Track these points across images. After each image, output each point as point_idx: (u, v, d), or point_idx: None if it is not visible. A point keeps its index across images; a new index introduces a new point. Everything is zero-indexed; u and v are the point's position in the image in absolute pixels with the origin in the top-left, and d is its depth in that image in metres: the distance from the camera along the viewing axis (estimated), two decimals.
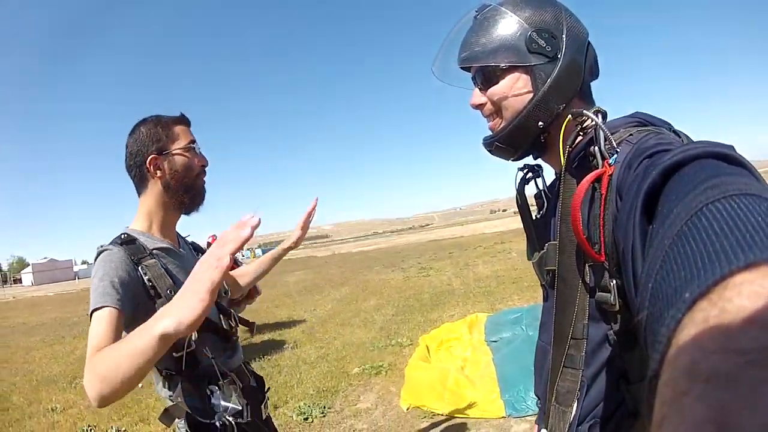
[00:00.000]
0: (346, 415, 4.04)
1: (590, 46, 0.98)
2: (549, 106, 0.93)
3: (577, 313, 0.90)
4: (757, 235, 0.34)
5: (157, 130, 1.49)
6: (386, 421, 3.79)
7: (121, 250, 1.36)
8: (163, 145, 1.48)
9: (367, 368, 5.16)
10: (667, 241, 0.43)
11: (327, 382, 4.94)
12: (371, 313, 8.63)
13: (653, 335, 0.36)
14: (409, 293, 10.22)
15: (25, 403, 5.94)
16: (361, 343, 6.40)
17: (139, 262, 1.37)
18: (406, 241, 43.61)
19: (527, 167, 1.12)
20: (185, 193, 1.51)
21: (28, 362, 8.49)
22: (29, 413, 5.51)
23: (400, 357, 5.42)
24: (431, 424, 3.63)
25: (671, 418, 0.25)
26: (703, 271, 0.34)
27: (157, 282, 1.36)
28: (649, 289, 0.42)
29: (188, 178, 1.50)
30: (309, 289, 14.19)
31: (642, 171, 0.67)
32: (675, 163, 0.56)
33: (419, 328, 6.70)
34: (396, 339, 6.30)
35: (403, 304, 9.09)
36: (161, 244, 1.49)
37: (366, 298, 10.57)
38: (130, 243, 1.40)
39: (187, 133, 1.54)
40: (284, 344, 6.97)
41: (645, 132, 0.81)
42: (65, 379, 6.76)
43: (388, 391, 4.43)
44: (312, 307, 10.43)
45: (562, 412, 0.93)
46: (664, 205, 0.53)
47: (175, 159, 1.49)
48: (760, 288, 0.29)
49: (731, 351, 0.25)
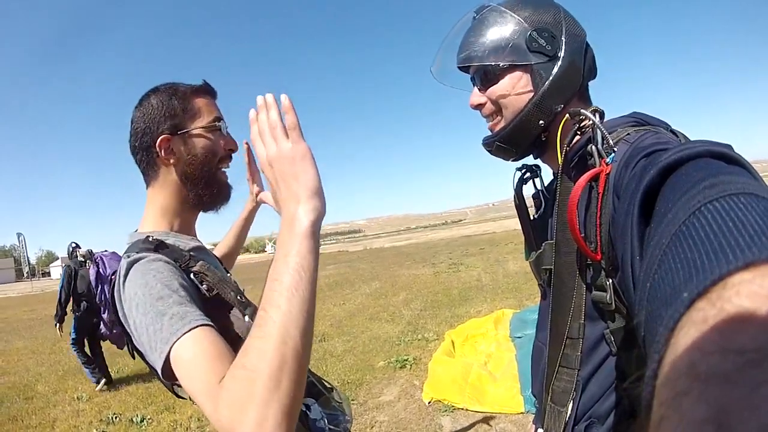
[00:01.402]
0: (369, 407, 4.09)
1: (588, 46, 0.98)
2: (549, 105, 0.93)
3: (573, 313, 0.90)
4: (755, 235, 0.34)
5: (172, 103, 1.15)
6: (407, 413, 3.83)
7: (160, 258, 1.01)
8: (180, 122, 1.15)
9: (393, 362, 5.20)
10: (665, 240, 0.43)
11: (352, 374, 5.01)
12: (400, 307, 8.67)
13: (651, 335, 0.36)
14: (438, 288, 10.21)
15: (50, 392, 6.08)
16: (388, 338, 6.45)
17: (188, 270, 1.03)
18: (439, 237, 43.55)
19: (525, 167, 1.12)
20: (205, 186, 1.17)
21: (55, 353, 8.66)
22: (54, 402, 5.63)
23: (425, 351, 5.44)
24: (451, 417, 3.64)
25: (670, 418, 0.25)
26: (702, 271, 0.33)
27: (220, 289, 1.04)
28: (647, 288, 0.42)
29: (209, 166, 1.16)
30: (339, 283, 14.34)
31: (639, 170, 0.67)
32: (673, 162, 0.56)
33: (446, 323, 6.71)
34: (422, 334, 6.32)
35: (431, 299, 9.10)
36: (192, 243, 1.16)
37: (396, 293, 10.62)
38: (164, 247, 1.06)
39: (212, 107, 1.19)
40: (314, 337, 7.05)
41: (642, 131, 0.81)
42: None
43: (412, 385, 4.46)
44: (341, 301, 10.56)
45: (558, 412, 0.93)
46: (661, 204, 0.53)
47: (194, 141, 1.15)
48: (759, 287, 0.29)
49: (730, 351, 0.25)
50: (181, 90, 1.17)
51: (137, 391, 5.55)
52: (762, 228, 0.35)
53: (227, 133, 1.20)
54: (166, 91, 1.16)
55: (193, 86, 1.19)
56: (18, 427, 4.91)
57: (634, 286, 0.62)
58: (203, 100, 1.18)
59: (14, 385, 6.58)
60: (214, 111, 1.19)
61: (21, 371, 7.53)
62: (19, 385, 6.56)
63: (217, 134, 1.18)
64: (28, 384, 6.57)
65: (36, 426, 4.88)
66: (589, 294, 0.87)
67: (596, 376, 0.89)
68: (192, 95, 1.17)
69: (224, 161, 1.19)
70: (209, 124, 1.15)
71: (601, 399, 0.88)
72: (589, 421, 0.89)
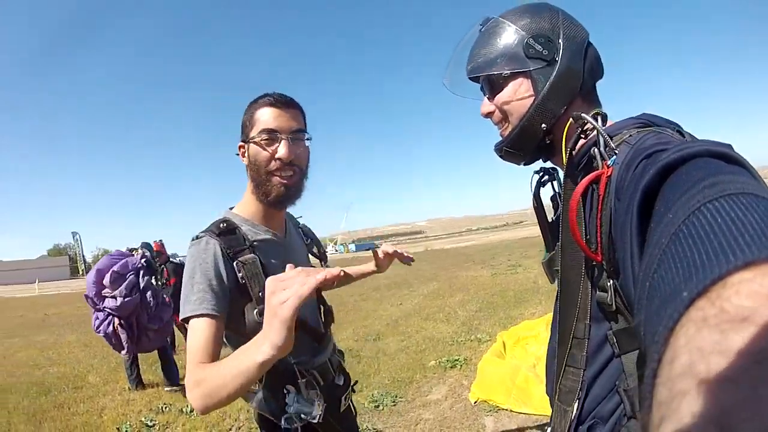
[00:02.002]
0: (416, 405, 4.14)
1: (591, 46, 0.99)
2: (550, 108, 0.95)
3: (578, 314, 0.91)
4: (755, 234, 0.34)
5: (246, 116, 1.36)
6: (453, 412, 3.85)
7: (216, 244, 1.26)
8: (246, 132, 1.35)
9: (443, 362, 5.22)
10: (664, 240, 0.43)
11: (403, 373, 5.07)
12: (455, 308, 8.64)
13: (651, 334, 0.36)
14: (495, 290, 10.07)
15: (101, 382, 6.14)
16: (441, 338, 6.46)
17: (235, 257, 1.26)
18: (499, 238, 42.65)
19: (543, 170, 1.14)
20: (261, 187, 1.34)
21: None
22: (104, 391, 5.69)
23: (476, 352, 5.42)
24: (495, 417, 3.64)
25: (670, 419, 0.25)
26: (702, 270, 0.33)
27: (250, 282, 1.25)
28: (646, 288, 0.42)
29: (261, 171, 1.32)
30: (398, 284, 14.41)
31: (640, 171, 0.67)
32: (672, 161, 0.56)
33: (500, 324, 6.63)
34: (476, 334, 6.29)
35: (487, 300, 9.01)
36: (264, 236, 1.38)
37: (452, 294, 10.57)
38: (230, 233, 1.30)
39: (270, 116, 1.32)
40: (368, 336, 7.20)
41: (644, 132, 0.81)
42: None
43: (460, 385, 4.47)
44: (399, 301, 10.62)
45: (564, 411, 0.95)
46: (661, 203, 0.53)
47: (252, 148, 1.33)
48: (759, 287, 0.29)
49: (730, 351, 0.25)
50: (256, 102, 1.34)
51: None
52: (762, 227, 0.35)
53: (286, 142, 1.30)
54: (251, 102, 1.36)
55: (265, 98, 1.34)
56: (64, 414, 4.94)
57: (634, 285, 0.62)
58: (264, 110, 1.32)
59: (63, 375, 6.63)
60: (272, 121, 1.31)
61: (72, 362, 7.58)
62: (69, 375, 6.60)
63: (269, 142, 1.31)
64: (78, 374, 6.64)
65: (83, 413, 4.92)
66: (594, 295, 0.88)
67: (601, 377, 0.89)
68: (258, 106, 1.33)
69: (278, 169, 1.32)
70: (258, 135, 1.31)
71: (604, 400, 0.88)
72: (593, 422, 0.90)
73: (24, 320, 15.12)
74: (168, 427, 4.32)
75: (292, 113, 1.35)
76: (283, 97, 1.34)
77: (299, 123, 1.36)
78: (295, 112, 1.36)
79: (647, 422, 0.28)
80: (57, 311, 17.24)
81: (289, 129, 1.32)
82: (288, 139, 1.30)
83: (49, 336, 10.80)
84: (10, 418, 4.92)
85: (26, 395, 5.71)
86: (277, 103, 1.32)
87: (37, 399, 5.53)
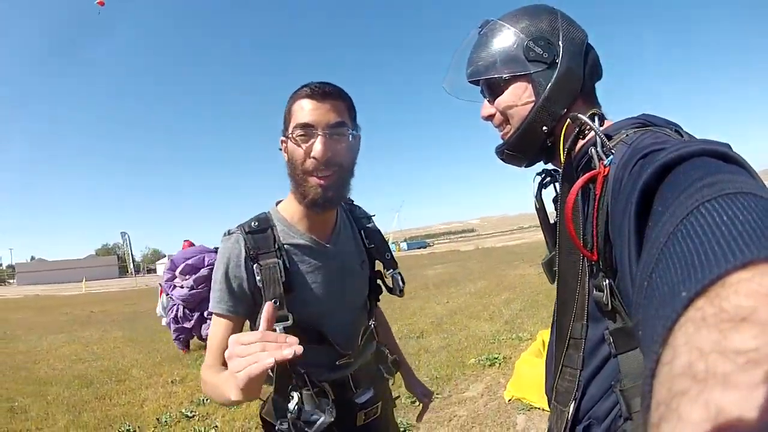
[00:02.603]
0: (452, 401, 4.20)
1: (590, 47, 0.99)
2: (551, 111, 0.95)
3: (575, 313, 0.91)
4: (754, 234, 0.34)
5: (287, 107, 1.24)
6: (486, 410, 3.89)
7: (242, 241, 1.22)
8: (285, 127, 1.24)
9: (483, 360, 5.24)
10: (662, 239, 0.42)
11: (443, 370, 5.11)
12: (500, 306, 8.60)
13: (649, 334, 0.35)
14: (541, 288, 9.87)
15: (144, 376, 6.17)
16: (484, 336, 6.47)
17: (256, 259, 1.21)
18: None
19: (545, 172, 1.13)
20: (297, 187, 1.23)
21: (154, 341, 8.70)
22: (146, 384, 5.71)
23: (517, 350, 5.40)
24: (527, 415, 3.65)
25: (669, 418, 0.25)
26: (700, 270, 0.33)
27: (265, 287, 1.19)
28: (644, 287, 0.42)
29: (297, 170, 1.21)
30: (446, 282, 14.42)
31: (637, 170, 0.67)
32: (670, 161, 0.55)
33: (542, 323, 6.55)
34: (518, 333, 6.27)
35: (532, 299, 8.91)
36: (297, 240, 1.28)
37: (499, 293, 10.49)
38: (260, 232, 1.24)
39: (306, 109, 1.19)
40: (411, 333, 7.25)
41: (642, 132, 0.81)
42: (191, 357, 7.00)
43: (497, 383, 4.49)
44: (446, 299, 10.64)
45: (561, 411, 0.94)
46: (659, 203, 0.52)
47: (289, 145, 1.22)
48: (758, 286, 0.28)
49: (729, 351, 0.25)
50: (294, 94, 1.22)
51: None
52: (760, 227, 0.34)
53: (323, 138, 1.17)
54: (292, 94, 1.23)
55: (300, 89, 1.21)
56: (105, 404, 5.01)
57: (631, 285, 0.61)
58: (302, 102, 1.19)
59: (107, 369, 6.74)
60: (308, 114, 1.17)
61: (116, 357, 7.68)
62: (112, 369, 6.69)
63: (304, 138, 1.18)
64: (122, 368, 6.71)
65: (124, 404, 4.98)
66: (591, 295, 0.88)
67: (597, 378, 0.89)
68: (293, 100, 1.22)
69: (315, 168, 1.18)
70: (293, 130, 1.19)
71: (600, 400, 0.88)
72: (589, 422, 0.89)
73: (69, 317, 15.26)
74: (207, 418, 4.40)
75: (332, 104, 1.19)
76: (322, 86, 1.19)
77: (340, 115, 1.20)
78: (335, 103, 1.20)
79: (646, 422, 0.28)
80: (103, 309, 17.58)
81: (327, 123, 1.17)
82: (325, 135, 1.17)
83: (95, 332, 10.97)
84: (48, 408, 4.96)
85: (68, 387, 5.79)
86: (314, 95, 1.18)
87: (79, 391, 5.61)
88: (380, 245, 1.47)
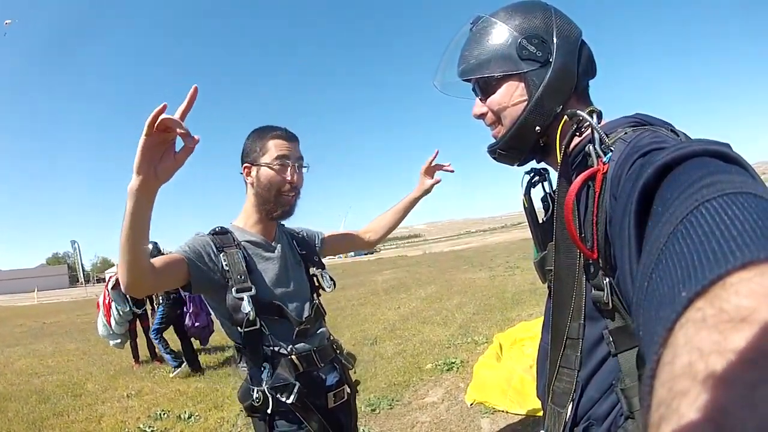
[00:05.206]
0: (413, 408, 4.13)
1: (584, 44, 0.97)
2: (545, 110, 0.94)
3: (572, 313, 0.90)
4: (754, 234, 0.34)
5: (254, 143, 1.64)
6: (449, 414, 3.84)
7: (207, 237, 1.57)
8: (255, 157, 1.62)
9: (440, 364, 5.21)
10: (662, 239, 0.42)
11: (400, 376, 5.05)
12: (453, 311, 8.63)
13: (649, 334, 0.35)
14: (492, 292, 10.07)
15: (99, 389, 6.14)
16: (438, 341, 6.45)
17: (222, 250, 1.54)
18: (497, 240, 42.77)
19: (534, 171, 1.13)
20: (271, 203, 1.63)
21: (107, 354, 8.52)
22: (102, 399, 5.69)
23: (473, 354, 5.40)
24: (491, 419, 3.63)
25: (669, 419, 0.25)
26: (700, 270, 0.33)
27: (231, 268, 1.51)
28: (644, 287, 0.41)
29: (271, 192, 1.61)
30: (396, 287, 14.42)
31: (637, 169, 0.66)
32: (670, 160, 0.55)
33: (497, 326, 6.62)
34: (472, 337, 6.28)
35: (485, 302, 9.00)
36: (251, 238, 1.65)
37: (450, 297, 10.56)
38: (222, 234, 1.60)
39: (283, 147, 1.61)
40: (365, 340, 7.17)
41: (640, 130, 0.81)
42: (144, 369, 7.02)
43: (457, 387, 4.46)
44: (397, 305, 10.60)
45: (558, 413, 0.93)
46: (659, 203, 0.52)
47: (262, 171, 1.61)
48: (758, 286, 0.28)
49: (729, 351, 0.25)
50: (264, 133, 1.64)
51: (188, 390, 5.68)
52: (761, 227, 0.34)
53: (296, 170, 1.63)
54: (257, 132, 1.66)
55: (274, 131, 1.64)
56: (63, 422, 4.96)
57: (632, 284, 0.61)
58: (276, 142, 1.62)
59: (63, 383, 6.66)
60: (285, 150, 1.62)
61: (71, 370, 7.59)
62: (68, 383, 6.64)
63: (283, 168, 1.61)
64: (77, 382, 6.67)
65: (82, 421, 4.93)
66: (589, 294, 0.87)
67: (595, 378, 0.88)
68: (269, 138, 1.62)
69: (289, 190, 1.63)
70: (274, 160, 1.60)
71: (599, 400, 0.87)
72: (588, 423, 0.89)
73: (24, 329, 15.11)
74: None
75: (297, 144, 1.67)
76: (290, 131, 1.66)
77: (300, 153, 1.68)
78: (297, 144, 1.67)
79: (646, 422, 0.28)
80: (56, 320, 17.31)
81: (297, 157, 1.65)
82: (294, 166, 1.63)
83: (48, 344, 10.83)
84: (10, 426, 4.93)
85: (26, 403, 5.76)
86: (287, 135, 1.64)
87: (37, 407, 5.57)
88: (309, 251, 1.86)
